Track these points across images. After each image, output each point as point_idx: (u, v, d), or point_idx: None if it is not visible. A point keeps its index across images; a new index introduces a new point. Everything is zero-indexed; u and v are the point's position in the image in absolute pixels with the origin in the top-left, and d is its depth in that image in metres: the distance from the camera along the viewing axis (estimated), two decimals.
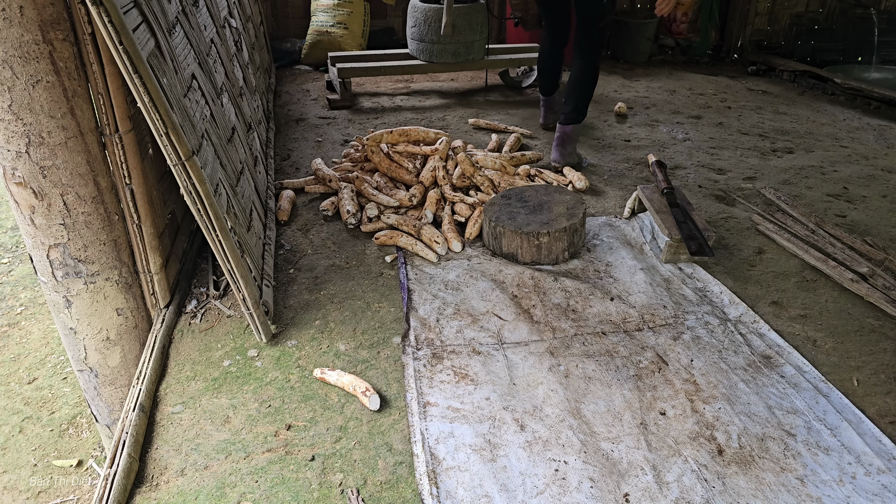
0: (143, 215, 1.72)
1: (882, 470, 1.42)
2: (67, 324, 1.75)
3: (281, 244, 2.32)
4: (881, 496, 1.36)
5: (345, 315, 1.94)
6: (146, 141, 1.82)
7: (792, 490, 1.37)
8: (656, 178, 2.54)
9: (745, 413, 1.57)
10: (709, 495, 1.35)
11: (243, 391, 1.64)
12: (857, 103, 4.17)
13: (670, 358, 1.76)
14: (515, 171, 2.78)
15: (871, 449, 1.47)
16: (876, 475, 1.41)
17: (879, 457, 1.45)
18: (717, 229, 2.44)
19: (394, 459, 1.45)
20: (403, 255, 2.24)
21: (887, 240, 2.40)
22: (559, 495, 1.35)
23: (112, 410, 1.91)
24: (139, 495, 1.36)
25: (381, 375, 1.70)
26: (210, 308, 1.95)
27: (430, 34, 3.80)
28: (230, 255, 1.66)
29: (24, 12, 1.39)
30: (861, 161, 3.21)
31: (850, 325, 1.92)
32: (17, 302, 3.04)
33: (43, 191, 1.56)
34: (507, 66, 4.18)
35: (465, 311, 1.94)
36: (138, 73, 1.40)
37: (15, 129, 1.48)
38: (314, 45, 4.69)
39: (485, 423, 1.53)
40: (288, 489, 1.37)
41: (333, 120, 3.69)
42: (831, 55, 5.15)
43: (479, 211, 2.39)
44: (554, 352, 1.78)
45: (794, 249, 2.29)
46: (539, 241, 2.14)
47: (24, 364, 2.66)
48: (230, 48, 2.68)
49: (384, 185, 2.62)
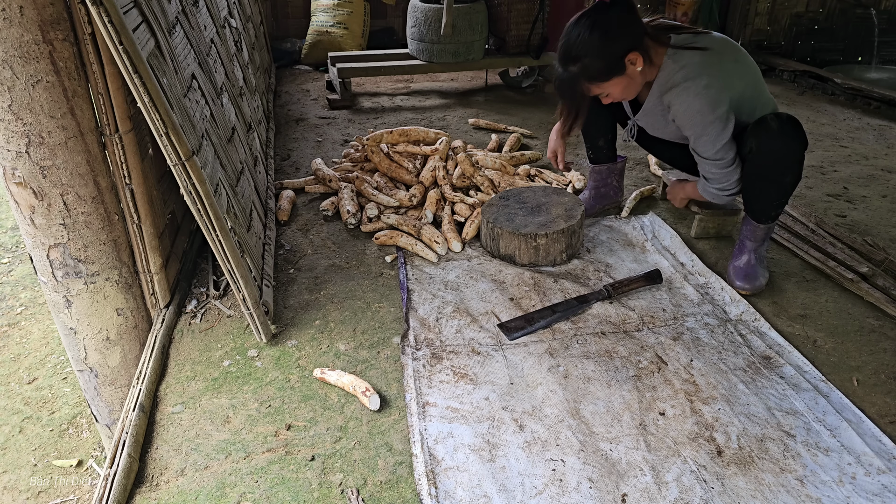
0: (143, 215, 1.72)
1: (882, 470, 1.42)
2: (67, 324, 1.75)
3: (281, 244, 2.32)
4: (881, 496, 1.36)
5: (345, 315, 1.94)
6: (146, 141, 1.82)
7: (791, 491, 1.37)
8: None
9: (745, 414, 1.57)
10: (708, 496, 1.35)
11: (243, 391, 1.64)
12: (857, 103, 4.17)
13: (670, 358, 1.76)
14: (515, 170, 2.78)
15: (870, 449, 1.47)
16: (876, 475, 1.41)
17: (879, 457, 1.45)
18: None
19: (394, 459, 1.45)
20: (403, 255, 2.24)
21: (887, 240, 2.40)
22: (558, 495, 1.35)
23: (112, 410, 1.91)
24: (139, 495, 1.36)
25: (381, 375, 1.70)
26: (210, 308, 1.96)
27: (430, 34, 3.80)
28: (230, 255, 1.66)
29: (24, 12, 1.39)
30: (861, 161, 3.21)
31: (850, 325, 1.92)
32: (17, 302, 3.04)
33: (43, 191, 1.56)
34: (507, 66, 4.18)
35: (465, 311, 1.94)
36: (138, 73, 1.40)
37: (15, 129, 1.48)
38: (314, 45, 4.70)
39: (484, 423, 1.53)
40: (288, 489, 1.37)
41: (333, 120, 3.69)
42: (831, 55, 5.15)
43: (478, 212, 2.39)
44: (553, 352, 1.78)
45: (794, 249, 2.29)
46: (537, 243, 2.14)
47: (24, 364, 2.66)
48: (230, 48, 2.68)
49: (384, 185, 2.62)
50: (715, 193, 2.04)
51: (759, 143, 1.86)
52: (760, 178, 1.93)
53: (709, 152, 1.93)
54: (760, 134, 1.86)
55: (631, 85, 1.91)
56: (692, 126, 1.91)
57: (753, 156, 1.89)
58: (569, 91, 1.93)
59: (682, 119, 1.92)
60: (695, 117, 1.88)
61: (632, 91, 1.94)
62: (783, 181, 1.91)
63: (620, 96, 1.95)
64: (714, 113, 1.86)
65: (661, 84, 1.93)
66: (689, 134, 1.95)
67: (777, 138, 1.84)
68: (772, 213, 2.00)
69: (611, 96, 1.94)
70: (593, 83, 1.88)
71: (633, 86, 1.92)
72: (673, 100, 1.89)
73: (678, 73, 1.87)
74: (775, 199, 1.97)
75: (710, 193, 2.06)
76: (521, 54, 4.09)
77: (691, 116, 1.89)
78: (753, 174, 1.93)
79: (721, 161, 1.94)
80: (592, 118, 2.33)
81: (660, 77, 1.92)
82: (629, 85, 1.91)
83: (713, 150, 1.92)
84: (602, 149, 2.42)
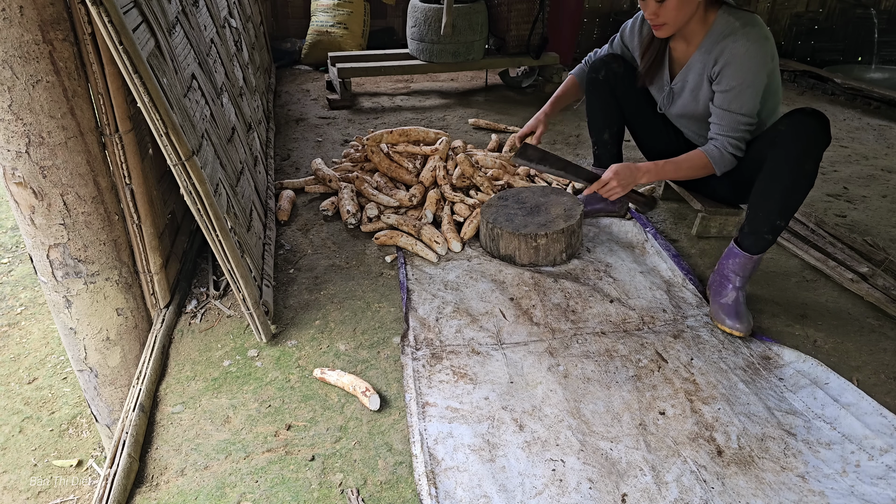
0: (143, 215, 1.73)
1: (884, 449, 1.42)
2: (67, 324, 1.75)
3: (281, 244, 2.32)
4: (886, 478, 1.36)
5: (345, 315, 1.94)
6: (146, 141, 1.82)
7: (793, 487, 1.37)
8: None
9: (745, 413, 1.57)
10: (708, 496, 1.35)
11: (243, 391, 1.64)
12: (857, 103, 4.17)
13: (670, 356, 1.76)
14: (515, 170, 2.78)
15: (871, 430, 1.46)
16: (879, 457, 1.41)
17: (881, 436, 1.45)
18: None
19: (394, 459, 1.45)
20: (403, 255, 2.24)
21: (887, 240, 2.41)
22: (558, 496, 1.35)
23: (112, 410, 1.91)
24: (139, 495, 1.36)
25: (381, 375, 1.70)
26: (210, 308, 1.96)
27: (430, 34, 3.80)
28: (230, 255, 1.66)
29: (24, 12, 1.39)
30: (861, 161, 3.21)
31: (850, 325, 1.92)
32: (17, 302, 3.04)
33: (43, 191, 1.56)
34: (507, 66, 4.18)
35: (465, 311, 1.94)
36: (138, 73, 1.40)
37: (15, 129, 1.48)
38: (314, 45, 4.70)
39: (483, 423, 1.53)
40: (288, 489, 1.37)
41: (333, 120, 3.69)
42: (831, 55, 5.15)
43: (477, 212, 2.39)
44: (553, 352, 1.78)
45: (794, 249, 2.29)
46: (537, 243, 2.14)
47: (24, 364, 2.66)
48: (230, 48, 2.68)
49: (384, 185, 2.62)
50: (730, 159, 1.97)
51: (792, 121, 1.82)
52: (779, 167, 1.82)
53: (747, 106, 1.90)
54: (794, 114, 1.84)
55: (686, 6, 1.87)
56: (743, 72, 1.87)
57: (781, 136, 1.82)
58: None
59: (735, 64, 1.88)
60: (749, 62, 1.86)
61: (682, 16, 1.89)
62: (804, 169, 1.79)
63: (672, 16, 1.88)
64: (766, 66, 1.86)
65: (717, 32, 1.92)
66: (734, 83, 1.89)
67: (812, 117, 1.81)
68: (769, 231, 1.86)
69: (665, 8, 1.87)
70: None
71: (687, 10, 1.88)
72: (730, 44, 1.87)
73: (737, 22, 1.88)
74: (782, 201, 1.82)
75: (727, 160, 1.97)
76: (521, 54, 4.10)
77: (747, 61, 1.86)
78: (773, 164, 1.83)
79: (751, 120, 1.92)
80: (599, 106, 2.32)
81: (714, 28, 1.92)
82: (685, 4, 1.87)
83: (751, 104, 1.90)
84: (607, 144, 2.37)
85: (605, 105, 2.31)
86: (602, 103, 2.31)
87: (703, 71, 1.98)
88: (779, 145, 1.82)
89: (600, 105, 2.32)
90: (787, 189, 1.80)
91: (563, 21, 4.35)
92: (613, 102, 2.30)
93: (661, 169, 2.01)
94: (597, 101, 2.33)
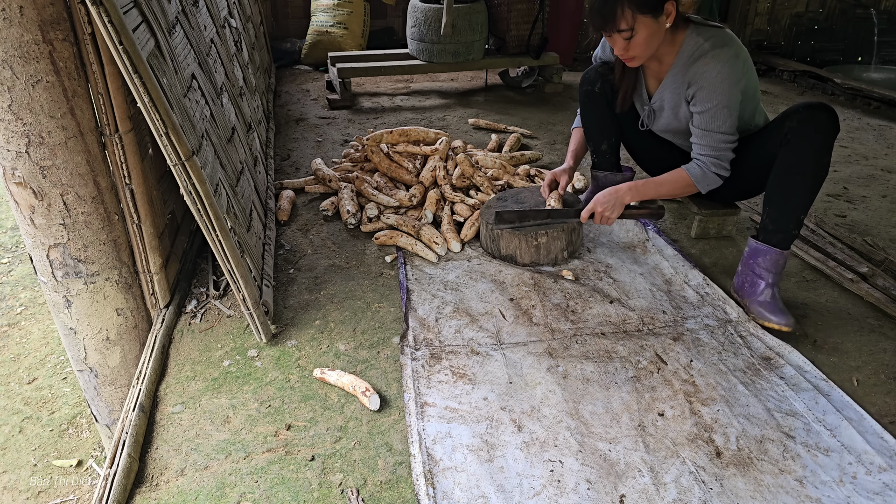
0: (143, 215, 1.73)
1: (883, 468, 1.42)
2: (67, 324, 1.76)
3: (281, 244, 2.33)
4: (882, 495, 1.36)
5: (345, 315, 1.94)
6: (146, 141, 1.82)
7: (791, 491, 1.37)
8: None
9: (744, 415, 1.57)
10: (706, 497, 1.35)
11: (243, 391, 1.65)
12: (857, 103, 4.17)
13: (669, 358, 1.76)
14: (515, 170, 2.78)
15: (871, 447, 1.47)
16: (877, 473, 1.41)
17: (881, 454, 1.45)
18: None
19: (394, 459, 1.45)
20: (403, 255, 2.25)
21: (887, 240, 2.41)
22: (556, 496, 1.35)
23: (112, 410, 1.91)
24: (139, 495, 1.36)
25: (380, 375, 1.70)
26: (210, 308, 1.96)
27: (430, 34, 3.80)
28: (230, 255, 1.66)
29: (24, 12, 1.39)
30: (861, 161, 3.21)
31: (849, 325, 1.92)
32: (17, 302, 3.04)
33: (43, 191, 1.56)
34: (507, 66, 4.18)
35: (464, 312, 1.94)
36: (138, 73, 1.40)
37: (15, 129, 1.48)
38: (314, 45, 4.70)
39: (482, 423, 1.53)
40: (288, 489, 1.37)
41: (333, 120, 3.69)
42: (831, 55, 5.15)
43: (477, 214, 2.39)
44: (552, 352, 1.78)
45: (793, 249, 2.29)
46: (538, 242, 2.14)
47: (24, 364, 2.67)
48: (230, 48, 2.68)
49: (384, 185, 2.63)
50: (714, 178, 1.98)
51: (802, 118, 1.82)
52: (799, 163, 1.82)
53: (725, 125, 1.91)
54: (801, 110, 1.84)
55: (654, 38, 1.86)
56: (716, 94, 1.88)
57: (794, 134, 1.82)
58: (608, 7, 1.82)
59: (708, 87, 1.88)
60: (722, 84, 1.87)
61: (651, 47, 1.89)
62: (822, 162, 1.80)
63: (641, 49, 1.88)
64: (738, 84, 1.87)
65: (686, 55, 1.92)
66: (709, 104, 1.90)
67: (820, 110, 1.82)
68: (795, 226, 1.86)
69: (633, 44, 1.86)
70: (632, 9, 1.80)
71: (655, 41, 1.88)
72: (700, 68, 1.88)
73: (706, 43, 1.88)
74: (805, 196, 1.83)
75: (710, 179, 1.98)
76: (521, 54, 4.10)
77: (719, 83, 1.87)
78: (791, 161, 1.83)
79: (731, 137, 1.93)
80: (596, 118, 2.31)
81: (684, 49, 1.93)
82: (652, 37, 1.85)
83: (730, 122, 1.90)
84: (605, 153, 2.37)
85: (601, 117, 2.30)
86: (598, 115, 2.30)
87: (678, 90, 2.00)
88: (793, 142, 1.83)
89: (597, 117, 2.31)
90: (808, 184, 1.83)
91: (562, 21, 4.35)
92: (609, 113, 2.28)
93: (642, 188, 2.06)
94: (593, 114, 2.31)
